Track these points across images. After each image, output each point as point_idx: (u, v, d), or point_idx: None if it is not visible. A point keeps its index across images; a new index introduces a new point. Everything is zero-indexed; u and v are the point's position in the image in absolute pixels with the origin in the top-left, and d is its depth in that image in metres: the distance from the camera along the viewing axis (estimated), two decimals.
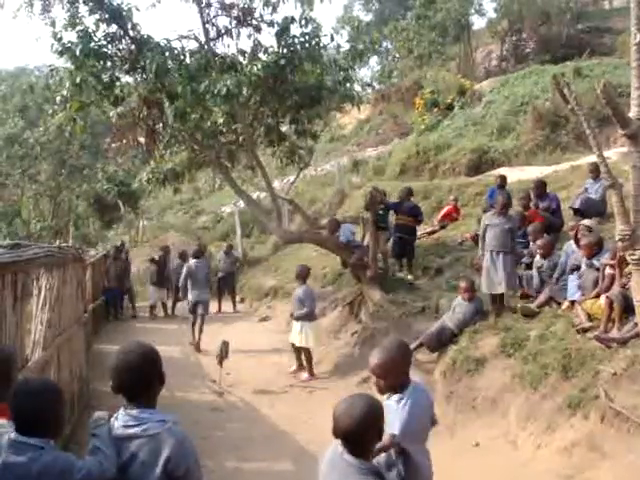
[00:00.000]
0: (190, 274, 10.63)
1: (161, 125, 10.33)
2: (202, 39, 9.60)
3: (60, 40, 8.75)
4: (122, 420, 2.36)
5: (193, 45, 9.64)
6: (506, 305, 7.54)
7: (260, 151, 11.69)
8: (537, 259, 7.85)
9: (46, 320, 5.52)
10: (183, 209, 28.99)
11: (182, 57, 9.30)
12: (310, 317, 8.57)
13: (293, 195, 15.43)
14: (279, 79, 9.39)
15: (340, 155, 23.50)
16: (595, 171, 8.96)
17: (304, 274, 8.79)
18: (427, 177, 16.79)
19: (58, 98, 9.33)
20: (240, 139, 10.90)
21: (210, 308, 11.32)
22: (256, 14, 9.59)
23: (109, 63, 9.15)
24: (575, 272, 7.03)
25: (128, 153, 18.45)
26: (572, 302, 6.85)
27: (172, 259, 14.93)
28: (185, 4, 9.62)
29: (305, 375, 8.58)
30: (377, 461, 2.99)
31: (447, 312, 7.81)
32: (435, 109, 21.69)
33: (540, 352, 6.16)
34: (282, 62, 9.05)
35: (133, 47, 9.17)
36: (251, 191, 13.88)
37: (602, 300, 6.15)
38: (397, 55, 33.36)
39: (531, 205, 9.33)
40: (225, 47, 9.88)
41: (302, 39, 9.31)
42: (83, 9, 8.92)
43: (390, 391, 3.11)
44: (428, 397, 3.29)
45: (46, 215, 23.74)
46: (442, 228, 12.07)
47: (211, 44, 9.62)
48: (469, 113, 20.31)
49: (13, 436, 2.26)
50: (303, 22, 9.35)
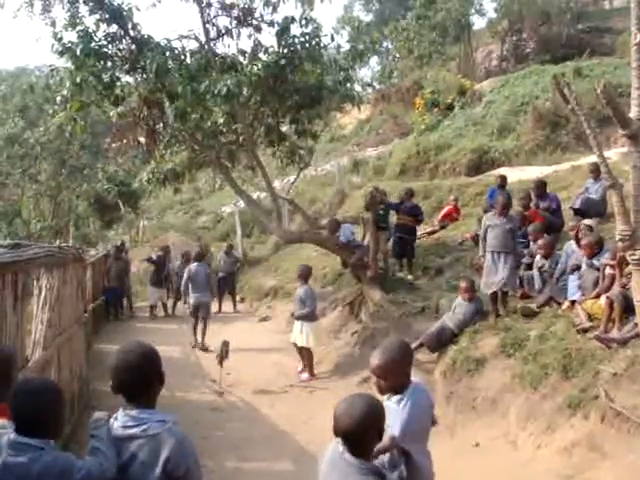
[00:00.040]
0: (190, 278, 10.73)
1: (161, 125, 10.34)
2: (202, 39, 9.62)
3: (60, 40, 8.76)
4: (121, 420, 2.36)
5: (193, 45, 9.67)
6: (507, 305, 7.54)
7: (260, 151, 11.70)
8: (538, 259, 7.84)
9: (46, 320, 5.52)
10: (183, 209, 29.02)
11: (182, 57, 9.30)
12: (311, 317, 8.56)
13: (293, 195, 15.42)
14: (279, 79, 9.40)
15: (340, 155, 23.50)
16: (595, 171, 8.95)
17: (306, 274, 8.78)
18: (427, 177, 16.81)
19: (58, 98, 9.34)
20: (240, 139, 10.91)
21: (211, 309, 11.35)
22: (256, 14, 9.61)
23: (109, 63, 9.15)
24: (575, 272, 7.04)
25: (128, 153, 18.46)
26: (572, 302, 6.85)
27: (172, 259, 14.96)
28: (185, 4, 9.64)
29: (305, 375, 8.59)
30: (381, 461, 2.99)
31: (447, 312, 7.81)
32: (435, 109, 21.71)
33: (540, 352, 6.16)
34: (282, 62, 9.06)
35: (133, 47, 9.18)
36: (251, 191, 13.86)
37: (602, 300, 6.15)
38: (397, 55, 33.36)
39: (531, 205, 9.32)
40: (225, 47, 9.92)
41: (302, 39, 9.32)
42: (83, 9, 8.94)
43: (390, 392, 3.09)
44: (428, 397, 3.28)
45: (46, 215, 23.71)
46: (442, 228, 12.08)
47: (211, 44, 9.62)
48: (469, 113, 20.31)
49: (13, 437, 2.25)
50: (303, 22, 9.36)
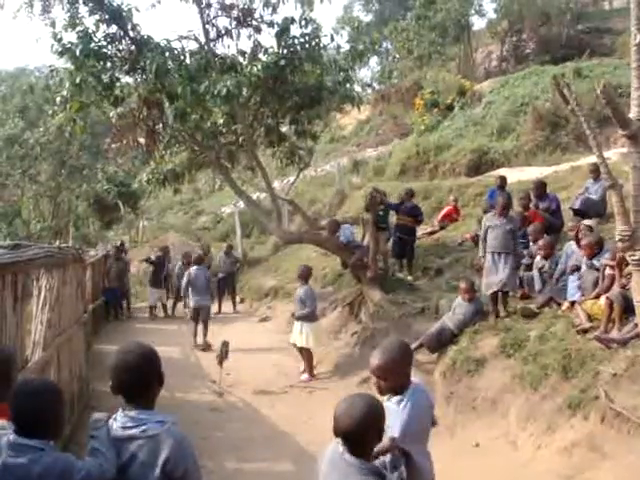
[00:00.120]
0: (190, 282, 10.82)
1: (161, 125, 10.34)
2: (202, 40, 9.61)
3: (60, 41, 8.75)
4: (121, 421, 2.36)
5: (193, 46, 9.66)
6: (507, 306, 7.53)
7: (260, 152, 11.70)
8: (538, 260, 7.84)
9: (46, 320, 5.51)
10: (183, 209, 29.04)
11: (182, 58, 9.30)
12: (311, 318, 8.57)
13: (293, 196, 15.41)
14: (279, 80, 9.40)
15: (340, 156, 23.50)
16: (595, 172, 8.95)
17: (306, 274, 8.79)
18: (427, 177, 16.82)
19: (58, 99, 9.32)
20: (240, 140, 10.91)
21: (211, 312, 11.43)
22: (256, 15, 9.60)
23: (109, 63, 9.14)
24: (575, 273, 7.03)
25: (128, 153, 18.41)
26: (572, 303, 6.84)
27: (172, 259, 14.96)
28: (185, 5, 9.61)
29: (305, 376, 8.58)
30: (382, 461, 2.98)
31: (447, 313, 7.80)
32: (435, 109, 21.72)
33: (540, 353, 6.16)
34: (282, 63, 9.06)
35: (133, 48, 9.17)
36: (251, 192, 13.86)
37: (602, 301, 6.15)
38: (397, 55, 33.35)
39: (531, 206, 9.32)
40: (225, 48, 9.92)
41: (302, 40, 9.32)
42: (83, 10, 8.93)
43: (390, 392, 3.08)
44: (428, 398, 3.27)
45: (46, 215, 23.74)
46: (442, 228, 12.08)
47: (211, 45, 9.62)
48: (469, 114, 20.32)
49: (13, 437, 2.25)
50: (303, 23, 9.36)
